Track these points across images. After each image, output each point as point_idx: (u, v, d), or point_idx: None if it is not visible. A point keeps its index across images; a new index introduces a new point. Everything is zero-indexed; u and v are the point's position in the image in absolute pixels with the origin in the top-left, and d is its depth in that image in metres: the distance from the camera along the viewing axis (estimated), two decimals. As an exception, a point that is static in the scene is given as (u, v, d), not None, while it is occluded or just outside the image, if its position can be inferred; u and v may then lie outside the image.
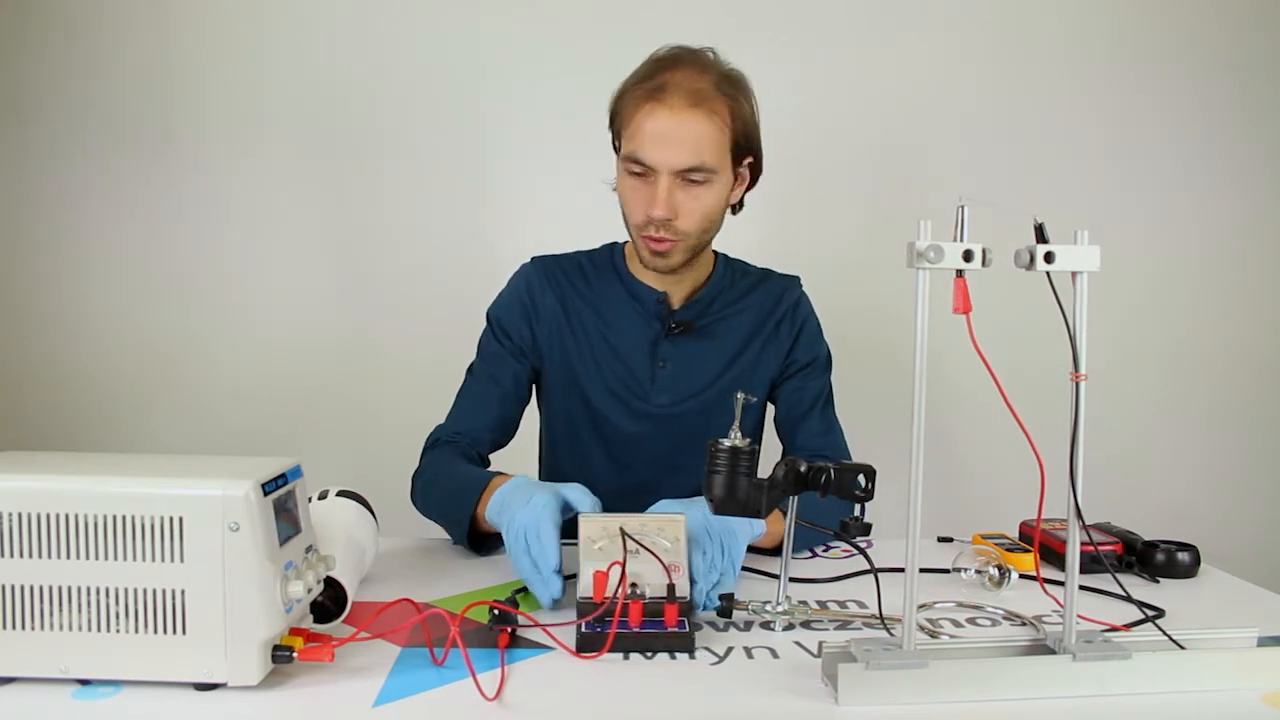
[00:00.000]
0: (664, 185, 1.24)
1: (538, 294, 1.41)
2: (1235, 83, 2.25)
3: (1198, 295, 2.29)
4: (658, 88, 1.24)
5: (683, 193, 1.26)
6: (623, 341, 1.39)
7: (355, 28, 2.15)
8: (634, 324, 1.40)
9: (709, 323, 1.40)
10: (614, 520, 1.00)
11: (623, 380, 1.39)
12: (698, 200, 1.27)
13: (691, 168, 1.24)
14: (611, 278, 1.43)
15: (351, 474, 1.22)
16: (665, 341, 1.39)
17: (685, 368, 1.39)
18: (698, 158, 1.24)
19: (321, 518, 0.99)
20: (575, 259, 1.46)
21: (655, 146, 1.24)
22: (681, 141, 1.23)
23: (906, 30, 2.19)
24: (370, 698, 0.78)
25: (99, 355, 2.17)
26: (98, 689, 0.78)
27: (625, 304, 1.40)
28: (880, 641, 0.80)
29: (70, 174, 2.14)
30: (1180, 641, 0.83)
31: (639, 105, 1.25)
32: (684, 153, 1.23)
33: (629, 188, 1.29)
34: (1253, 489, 2.32)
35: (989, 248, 0.77)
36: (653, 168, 1.24)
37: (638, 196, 1.28)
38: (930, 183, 2.16)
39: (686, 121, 1.23)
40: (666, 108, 1.23)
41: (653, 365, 1.39)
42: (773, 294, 1.45)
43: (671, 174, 1.24)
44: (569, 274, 1.43)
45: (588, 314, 1.41)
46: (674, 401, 1.39)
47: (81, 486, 0.76)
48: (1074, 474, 0.80)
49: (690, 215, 1.27)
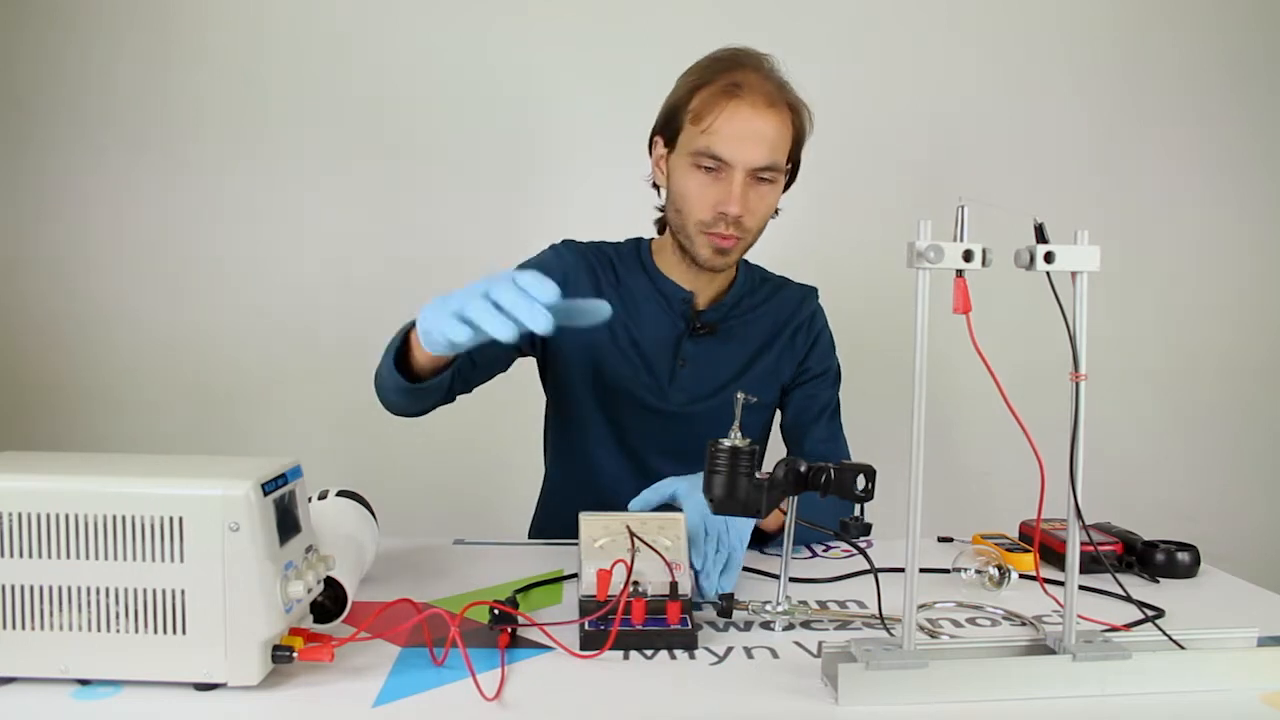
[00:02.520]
0: (739, 182, 1.26)
1: (570, 271, 1.39)
2: (1235, 83, 2.25)
3: (1198, 295, 2.29)
4: (736, 85, 1.26)
5: (753, 191, 1.28)
6: (645, 337, 1.39)
7: (357, 27, 2.15)
8: (658, 320, 1.40)
9: (730, 326, 1.41)
10: (615, 519, 1.00)
11: (642, 375, 1.39)
12: (764, 200, 1.30)
13: (766, 166, 1.26)
14: (639, 272, 1.42)
15: (351, 474, 1.22)
16: (688, 341, 1.39)
17: (704, 369, 1.39)
18: (772, 157, 1.27)
19: (321, 518, 0.99)
20: (603, 248, 1.45)
21: (735, 143, 1.25)
22: (760, 140, 1.25)
23: (906, 31, 2.20)
24: (370, 698, 0.78)
25: (99, 355, 2.17)
26: (98, 689, 0.78)
27: (651, 300, 1.40)
28: (880, 641, 0.80)
29: (70, 173, 2.14)
30: (1180, 641, 0.83)
31: (716, 101, 1.25)
32: (762, 151, 1.25)
33: (696, 183, 1.28)
34: (1253, 489, 2.32)
35: (989, 248, 0.77)
36: (730, 164, 1.25)
37: (707, 193, 1.28)
38: (930, 183, 2.16)
39: (766, 120, 1.26)
40: (748, 105, 1.25)
41: (674, 363, 1.39)
42: (791, 302, 1.46)
43: (747, 171, 1.26)
44: (600, 261, 1.43)
45: (615, 303, 1.40)
46: (689, 401, 1.39)
47: (81, 486, 0.76)
48: (1074, 474, 0.80)
49: (756, 214, 1.29)
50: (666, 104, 1.34)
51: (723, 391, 1.39)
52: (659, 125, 1.36)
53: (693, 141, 1.27)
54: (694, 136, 1.27)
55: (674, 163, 1.32)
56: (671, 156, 1.33)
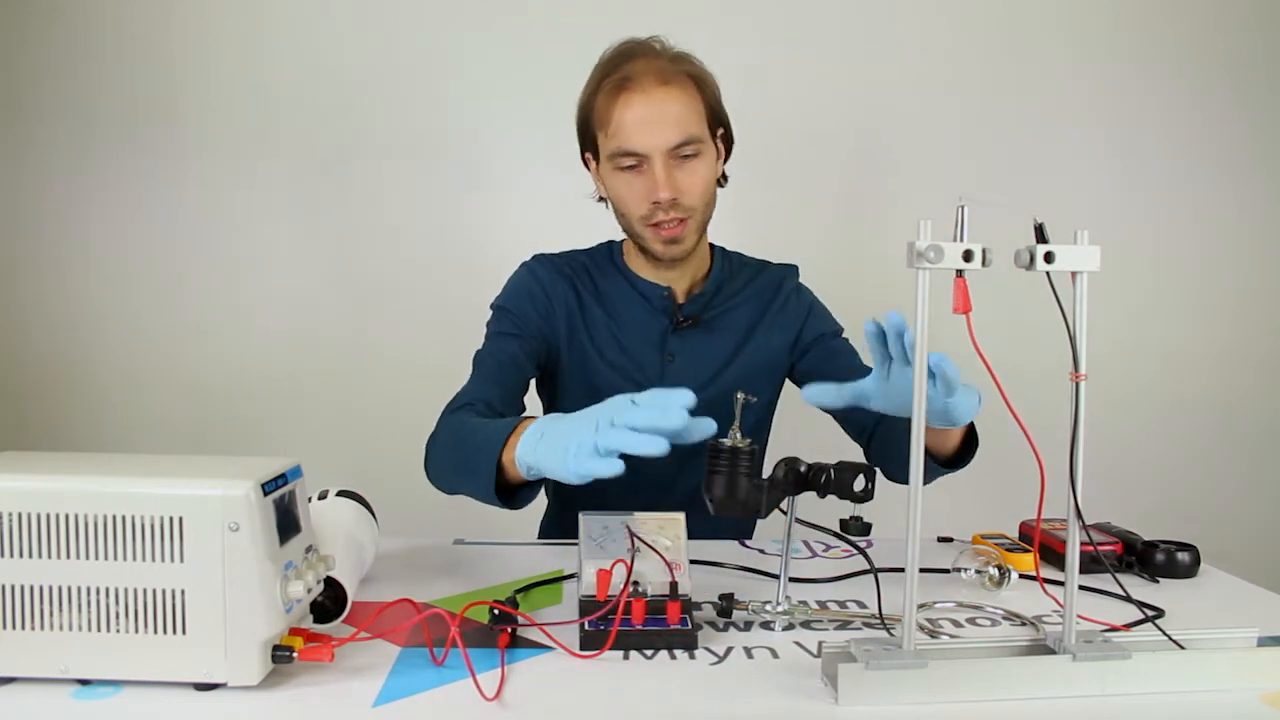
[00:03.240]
0: (660, 166, 1.26)
1: (549, 285, 1.40)
2: (1234, 82, 2.25)
3: (1198, 295, 2.29)
4: (624, 79, 1.27)
5: (679, 171, 1.28)
6: (630, 337, 1.40)
7: (358, 28, 2.15)
8: (641, 319, 1.40)
9: (713, 315, 1.41)
10: (615, 518, 1.00)
11: (632, 376, 1.39)
12: (695, 174, 1.30)
13: (682, 142, 1.27)
14: (614, 274, 1.43)
15: (351, 474, 1.22)
16: (673, 336, 1.39)
17: (692, 361, 1.39)
18: (684, 132, 1.27)
19: (321, 518, 0.99)
20: (576, 257, 1.46)
21: (641, 132, 1.25)
22: (664, 120, 1.26)
23: (904, 29, 2.19)
24: (370, 698, 0.78)
25: (99, 355, 2.17)
26: (98, 689, 0.78)
27: (631, 300, 1.41)
28: (880, 641, 0.80)
29: (70, 173, 2.14)
30: (1180, 641, 0.83)
31: (611, 101, 1.27)
32: (670, 130, 1.26)
33: (623, 184, 1.30)
34: (1253, 489, 2.32)
35: (989, 248, 0.77)
36: (644, 154, 1.26)
37: (634, 189, 1.29)
38: (930, 183, 2.16)
39: (663, 100, 1.26)
40: (640, 93, 1.26)
41: (661, 360, 1.39)
42: (772, 283, 1.46)
43: (664, 154, 1.26)
44: (574, 270, 1.43)
45: (596, 310, 1.41)
46: None
47: (81, 486, 0.76)
48: (1074, 474, 0.80)
49: (692, 190, 1.29)
50: (577, 122, 1.35)
51: (714, 382, 1.38)
52: (581, 144, 1.37)
53: (607, 146, 1.29)
54: (606, 142, 1.29)
55: (602, 171, 1.34)
56: (599, 167, 1.35)
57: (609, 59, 1.31)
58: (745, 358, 1.41)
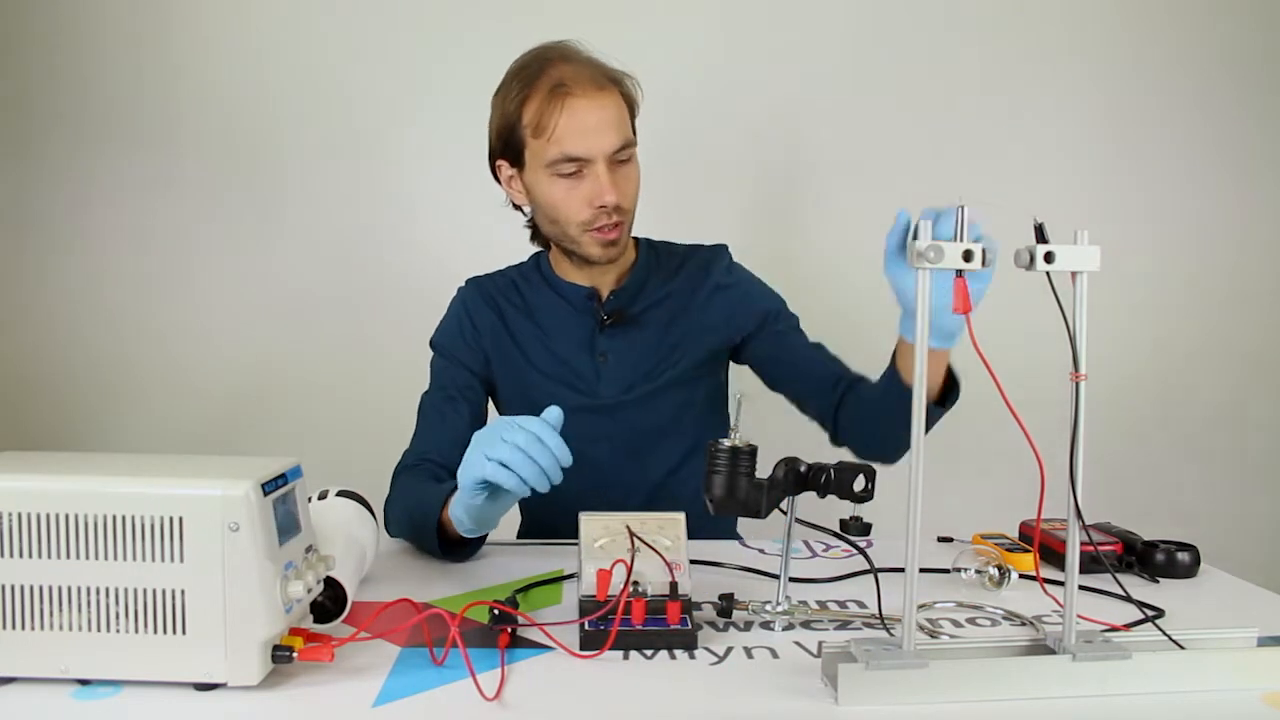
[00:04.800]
0: (604, 171, 1.27)
1: (475, 314, 1.42)
2: (1235, 81, 2.25)
3: (1198, 295, 2.29)
4: (561, 84, 1.26)
5: (617, 174, 1.29)
6: (561, 344, 1.40)
7: (359, 27, 2.15)
8: (568, 324, 1.41)
9: (642, 309, 1.41)
10: (615, 519, 1.00)
11: (569, 381, 1.39)
12: (629, 178, 1.31)
13: (621, 146, 1.28)
14: (541, 286, 1.44)
15: (351, 474, 1.22)
16: (601, 335, 1.39)
17: (625, 356, 1.39)
18: (623, 136, 1.28)
19: (321, 518, 0.99)
20: (506, 275, 1.48)
21: (585, 137, 1.25)
22: (606, 125, 1.27)
23: (904, 28, 2.19)
24: (370, 698, 0.78)
25: (98, 355, 2.17)
26: (98, 689, 0.78)
27: (557, 307, 1.42)
28: (880, 641, 0.80)
29: (70, 173, 2.14)
30: (1180, 641, 0.83)
31: (549, 105, 1.26)
32: (611, 135, 1.27)
33: (563, 190, 1.29)
34: (1253, 489, 2.32)
35: (989, 248, 0.77)
36: (588, 158, 1.26)
37: (576, 194, 1.29)
38: (930, 183, 2.16)
39: (603, 104, 1.27)
40: (581, 98, 1.25)
41: (594, 360, 1.39)
42: (701, 265, 1.46)
43: (606, 158, 1.27)
44: (502, 290, 1.45)
45: (526, 325, 1.42)
46: (621, 391, 1.39)
47: (81, 486, 0.76)
48: (1074, 474, 0.80)
49: (627, 194, 1.31)
50: (495, 127, 1.34)
51: (653, 373, 1.39)
52: (497, 150, 1.35)
53: (543, 152, 1.27)
54: (542, 148, 1.27)
55: (530, 179, 1.33)
56: (524, 174, 1.33)
57: (530, 64, 1.30)
58: (681, 345, 1.41)
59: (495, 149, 1.36)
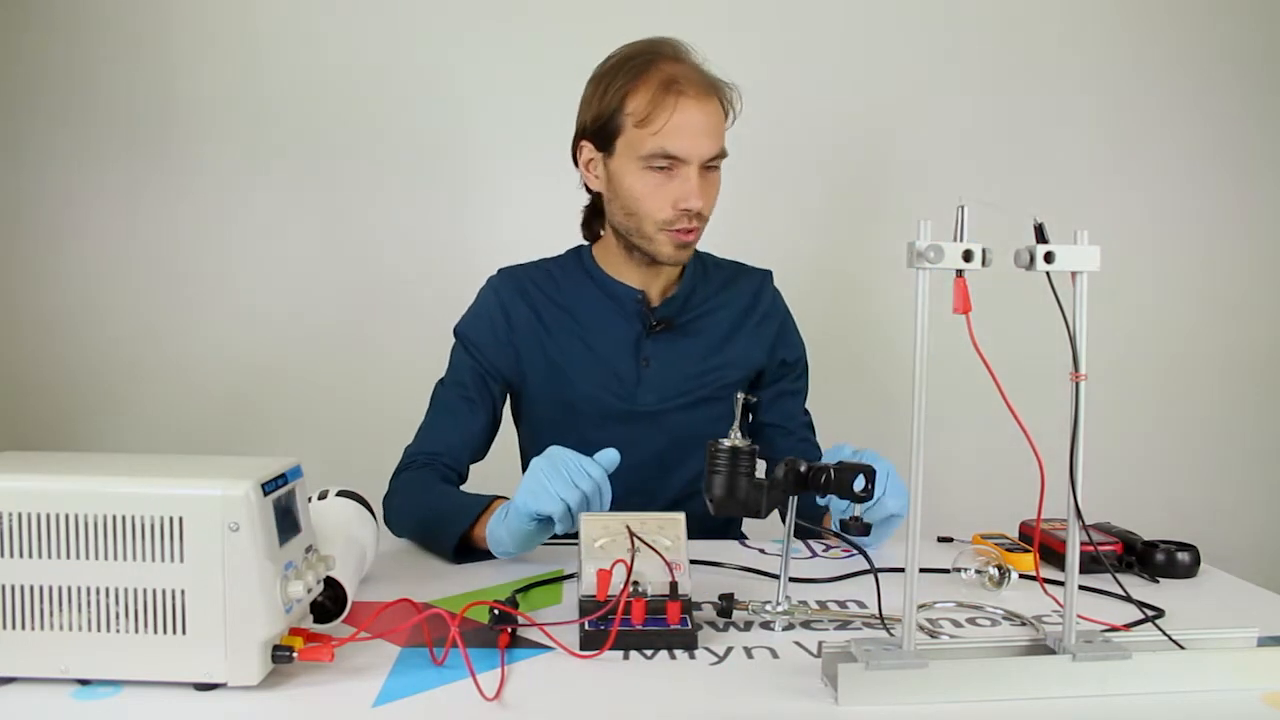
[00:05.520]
0: (695, 175, 1.26)
1: (509, 306, 1.39)
2: (1236, 81, 2.25)
3: (1198, 295, 2.29)
4: (672, 80, 1.25)
5: (705, 180, 1.28)
6: (603, 343, 1.38)
7: (359, 32, 2.15)
8: (614, 325, 1.38)
9: (689, 319, 1.40)
10: (615, 519, 1.00)
11: (607, 383, 1.37)
12: (715, 187, 1.31)
13: (717, 155, 1.28)
14: (583, 280, 1.41)
15: (351, 474, 1.22)
16: (648, 340, 1.38)
17: (669, 365, 1.38)
18: (720, 144, 1.28)
19: (321, 518, 0.99)
20: (542, 266, 1.44)
21: (688, 139, 1.25)
22: (709, 130, 1.26)
23: (904, 28, 2.19)
24: (370, 698, 0.78)
25: (99, 355, 2.17)
26: (98, 689, 0.78)
27: (602, 306, 1.39)
28: (880, 641, 0.80)
29: (69, 174, 2.14)
30: (1180, 641, 0.83)
31: (661, 100, 1.24)
32: (712, 141, 1.27)
33: (652, 184, 1.27)
34: (1253, 489, 2.32)
35: (989, 248, 0.77)
36: (684, 159, 1.25)
37: (663, 191, 1.27)
38: (930, 183, 2.16)
39: (709, 111, 1.27)
40: (691, 99, 1.25)
41: (637, 365, 1.37)
42: (750, 288, 1.46)
43: (700, 163, 1.26)
44: (538, 282, 1.41)
45: (564, 319, 1.39)
46: (660, 400, 1.38)
47: (81, 486, 0.76)
48: (1074, 474, 0.80)
49: (710, 202, 1.31)
50: (593, 110, 1.31)
51: (693, 385, 1.38)
52: (588, 131, 1.33)
53: (641, 144, 1.26)
54: (641, 139, 1.26)
55: (617, 166, 1.30)
56: (611, 160, 1.31)
57: (639, 55, 1.28)
58: (722, 363, 1.40)
59: (587, 130, 1.33)
